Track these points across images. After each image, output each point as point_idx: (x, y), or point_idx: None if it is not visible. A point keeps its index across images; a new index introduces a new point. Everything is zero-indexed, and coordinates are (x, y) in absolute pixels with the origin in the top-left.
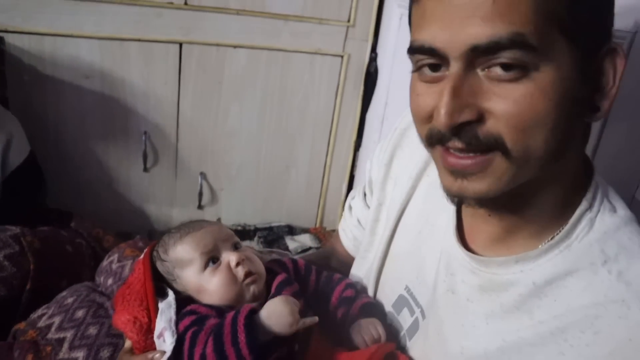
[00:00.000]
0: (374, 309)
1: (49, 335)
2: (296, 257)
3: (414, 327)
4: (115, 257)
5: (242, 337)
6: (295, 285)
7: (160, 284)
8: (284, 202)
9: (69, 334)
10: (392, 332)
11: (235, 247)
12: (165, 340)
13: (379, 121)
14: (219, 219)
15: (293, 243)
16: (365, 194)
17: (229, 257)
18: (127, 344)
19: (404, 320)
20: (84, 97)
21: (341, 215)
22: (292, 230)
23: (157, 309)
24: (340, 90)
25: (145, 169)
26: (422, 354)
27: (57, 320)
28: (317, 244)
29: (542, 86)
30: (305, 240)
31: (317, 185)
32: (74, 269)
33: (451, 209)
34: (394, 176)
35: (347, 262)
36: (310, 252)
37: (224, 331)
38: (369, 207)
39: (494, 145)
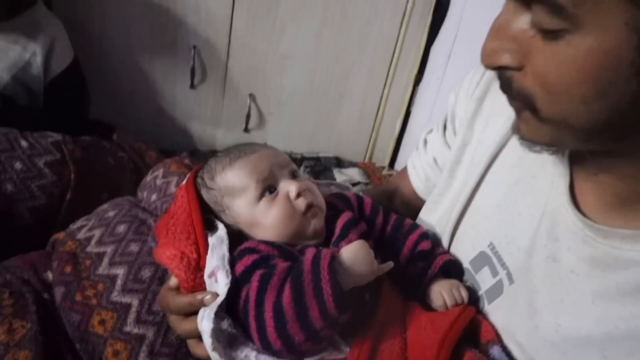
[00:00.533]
0: (455, 268)
1: (89, 249)
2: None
3: (496, 290)
4: (160, 172)
5: (326, 287)
6: (362, 226)
7: (207, 215)
8: (334, 132)
9: (109, 249)
10: (470, 292)
11: (294, 176)
12: (217, 280)
13: (445, 56)
14: (265, 145)
15: (341, 176)
16: (445, 129)
17: (288, 187)
18: (173, 280)
19: (483, 280)
20: (131, 4)
21: (392, 152)
22: (340, 163)
23: (207, 244)
24: (405, 18)
25: (192, 86)
26: (504, 321)
27: (97, 233)
28: (366, 180)
29: (572, 53)
30: (354, 174)
31: (370, 118)
32: (115, 182)
33: (560, 161)
34: (486, 114)
35: (413, 205)
36: (358, 187)
37: (303, 279)
38: (449, 146)
39: (524, 101)
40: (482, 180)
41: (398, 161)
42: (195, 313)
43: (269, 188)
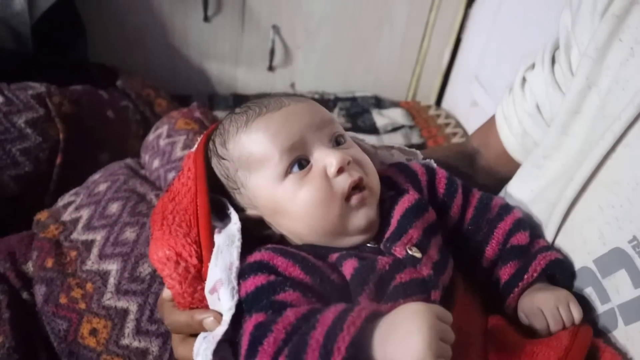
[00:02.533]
0: (563, 271)
1: (75, 235)
2: (426, 159)
3: None
4: (164, 129)
5: None
6: (430, 215)
7: (219, 197)
8: (372, 67)
9: (99, 236)
10: (586, 304)
11: (337, 142)
12: (220, 298)
13: None
14: (292, 85)
15: (381, 119)
16: (554, 64)
17: (326, 159)
18: (166, 292)
19: (616, 289)
20: None
21: (439, 88)
22: (379, 103)
23: (212, 244)
24: None
25: (206, 19)
26: None
27: (85, 213)
28: (410, 122)
29: None
30: (396, 116)
31: (414, 48)
32: (117, 139)
33: None
34: (631, 40)
35: (502, 171)
36: (402, 131)
37: (306, 355)
38: (561, 89)
39: None
40: (620, 142)
41: (446, 99)
42: (196, 335)
43: (299, 160)
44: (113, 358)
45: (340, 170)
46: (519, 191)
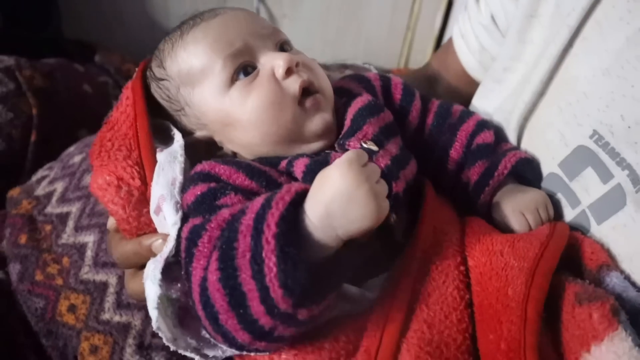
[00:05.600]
0: (533, 170)
1: (49, 209)
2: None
3: (611, 201)
4: None
5: (269, 260)
6: (386, 115)
7: (160, 120)
8: (362, 34)
9: (74, 208)
10: (556, 211)
11: (282, 49)
12: (166, 217)
13: None
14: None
15: None
16: None
17: (273, 61)
18: (111, 221)
19: (585, 189)
20: None
21: (432, 54)
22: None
23: (154, 164)
24: None
25: None
26: (628, 246)
27: (59, 187)
28: None
29: None
30: None
31: (404, 13)
32: (96, 116)
33: None
34: None
35: (463, 91)
36: None
37: (237, 244)
38: None
39: None
40: (576, 37)
41: None
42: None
43: (244, 67)
44: (94, 335)
45: (289, 72)
46: (481, 108)
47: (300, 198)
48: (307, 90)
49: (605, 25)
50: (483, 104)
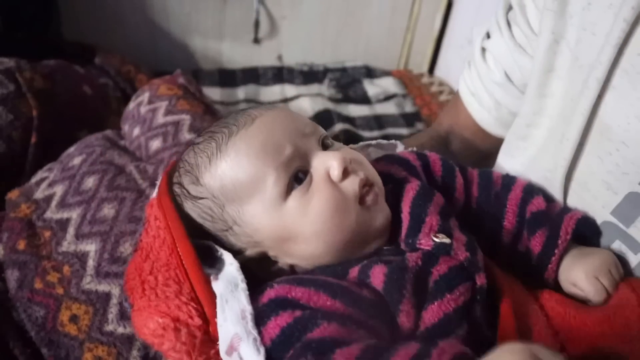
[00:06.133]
0: (590, 228)
1: (48, 214)
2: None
3: None
4: (145, 96)
5: None
6: (438, 197)
7: (201, 242)
8: (361, 36)
9: (74, 214)
10: (618, 259)
11: (324, 145)
12: (242, 357)
13: None
14: (279, 57)
15: (373, 88)
16: (511, 27)
17: (327, 162)
18: None
19: None
20: None
21: (432, 55)
22: (370, 73)
23: (212, 296)
24: None
25: None
26: None
27: (59, 190)
28: (403, 91)
29: None
30: (388, 85)
31: (404, 14)
32: (96, 116)
33: None
34: None
35: (480, 144)
36: (395, 100)
37: None
38: (525, 51)
39: None
40: (607, 87)
41: (439, 66)
42: None
43: (296, 173)
44: (97, 346)
45: (345, 172)
46: (508, 166)
47: None
48: (366, 183)
49: (633, 73)
50: (511, 162)
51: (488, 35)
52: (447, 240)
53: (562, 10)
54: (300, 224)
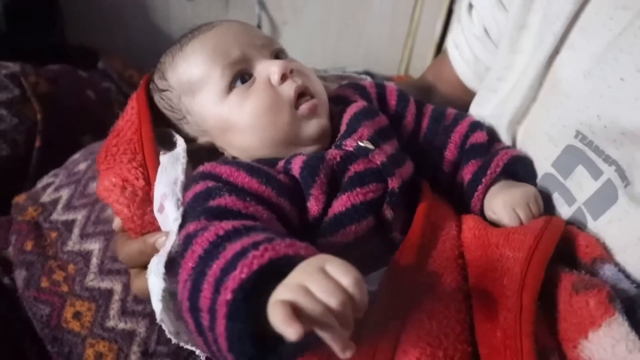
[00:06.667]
0: (525, 167)
1: (54, 216)
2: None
3: (604, 196)
4: None
5: (221, 327)
6: (381, 119)
7: (163, 129)
8: (362, 41)
9: (79, 216)
10: (554, 210)
11: (277, 57)
12: (168, 214)
13: None
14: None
15: None
16: None
17: (269, 68)
18: (117, 221)
19: (579, 186)
20: None
21: (432, 61)
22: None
23: (157, 165)
24: None
25: None
26: (621, 239)
27: (65, 193)
28: None
29: None
30: None
31: (404, 20)
32: (99, 121)
33: None
34: None
35: (459, 97)
36: None
37: (203, 285)
38: (505, 7)
39: None
40: (563, 44)
41: None
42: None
43: (241, 75)
44: (99, 341)
45: (283, 78)
46: (477, 115)
47: (273, 263)
48: (302, 96)
49: (589, 31)
50: (478, 112)
51: None
52: (370, 146)
53: None
54: (238, 117)
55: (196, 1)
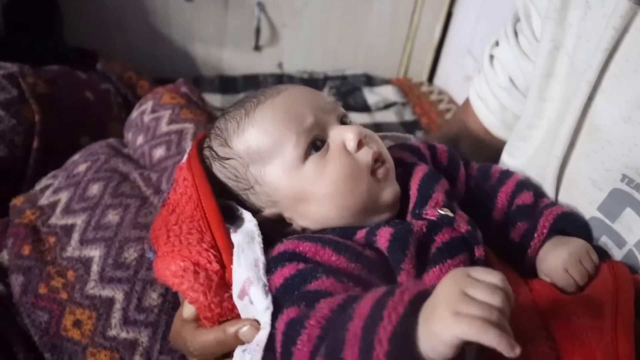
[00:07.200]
0: (573, 223)
1: (53, 220)
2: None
3: None
4: (148, 105)
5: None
6: (445, 182)
7: (224, 202)
8: (362, 44)
9: (79, 220)
10: (605, 254)
11: (343, 122)
12: (252, 300)
13: None
14: (280, 64)
15: (373, 96)
16: (517, 36)
17: (343, 134)
18: (187, 310)
19: (628, 228)
20: None
21: (431, 64)
22: (370, 81)
23: (231, 246)
24: None
25: None
26: None
27: (64, 196)
28: (402, 99)
29: None
30: (387, 93)
31: (404, 23)
32: (98, 122)
33: None
34: None
35: (487, 149)
36: (394, 108)
37: (344, 352)
38: (529, 58)
39: None
40: (596, 91)
41: (438, 75)
42: (229, 354)
43: (314, 141)
44: (100, 351)
45: (360, 145)
46: (511, 166)
47: (413, 303)
48: (378, 157)
49: (622, 78)
50: (511, 161)
51: (497, 44)
52: (450, 214)
53: (562, 19)
54: (315, 186)
55: (195, 3)
